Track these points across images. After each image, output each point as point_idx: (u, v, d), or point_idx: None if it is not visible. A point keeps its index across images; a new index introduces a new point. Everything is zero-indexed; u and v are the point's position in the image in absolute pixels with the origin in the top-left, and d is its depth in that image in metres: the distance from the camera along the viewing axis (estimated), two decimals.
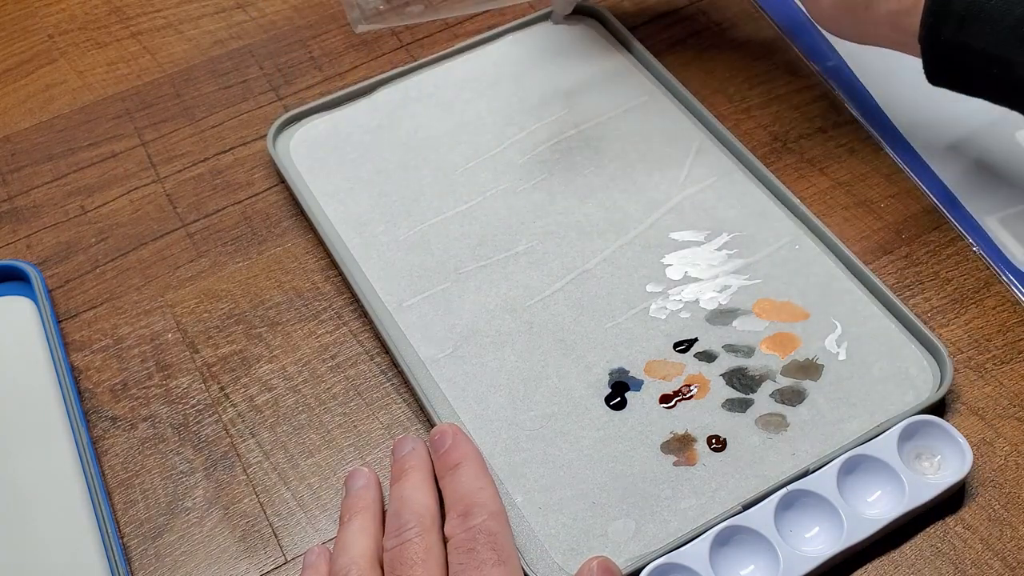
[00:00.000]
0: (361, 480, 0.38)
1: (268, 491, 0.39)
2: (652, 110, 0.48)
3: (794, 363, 0.40)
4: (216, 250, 0.46)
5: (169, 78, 0.53)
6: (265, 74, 0.53)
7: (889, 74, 0.49)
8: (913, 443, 0.37)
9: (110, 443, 0.40)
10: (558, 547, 0.36)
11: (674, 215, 0.44)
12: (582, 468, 0.38)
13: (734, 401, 0.39)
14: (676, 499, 0.36)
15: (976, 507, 0.36)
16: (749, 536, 0.35)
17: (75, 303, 0.45)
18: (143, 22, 0.56)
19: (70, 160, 0.50)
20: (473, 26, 0.54)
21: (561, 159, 0.47)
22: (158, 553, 0.38)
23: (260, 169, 0.49)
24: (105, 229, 0.47)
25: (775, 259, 0.43)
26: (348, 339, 0.43)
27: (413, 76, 0.51)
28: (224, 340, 0.43)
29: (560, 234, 0.44)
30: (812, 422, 0.38)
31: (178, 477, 0.39)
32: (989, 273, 0.42)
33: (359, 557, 0.34)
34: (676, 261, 0.43)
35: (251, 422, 0.41)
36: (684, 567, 0.34)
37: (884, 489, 0.36)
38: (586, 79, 0.50)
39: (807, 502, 0.36)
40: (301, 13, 0.56)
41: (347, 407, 0.41)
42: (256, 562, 0.37)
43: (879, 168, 0.46)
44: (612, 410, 0.39)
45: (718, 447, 0.38)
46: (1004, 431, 0.38)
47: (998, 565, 0.35)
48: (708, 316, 0.41)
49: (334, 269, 0.45)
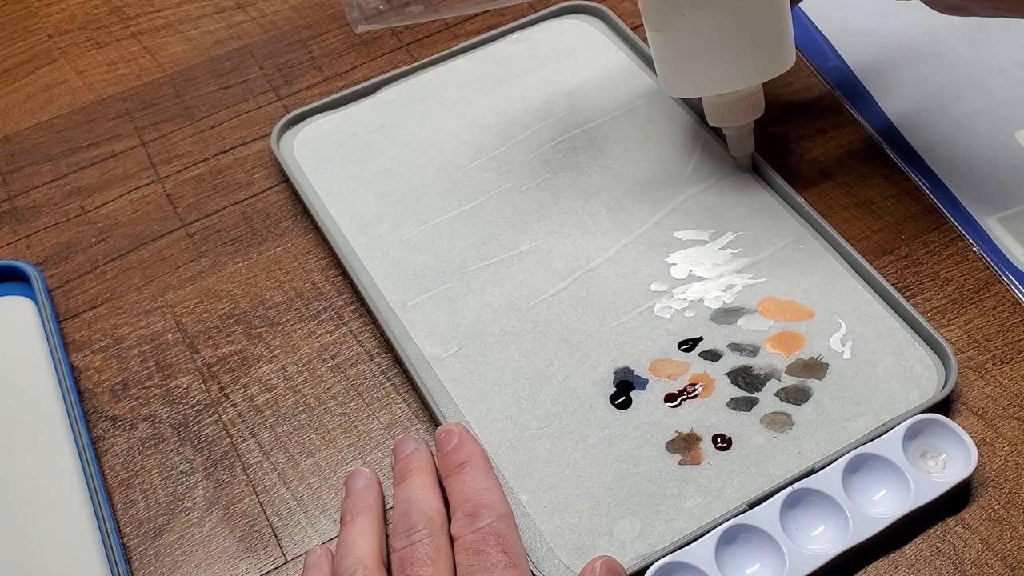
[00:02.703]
0: (362, 480, 0.37)
1: (268, 491, 0.39)
2: (656, 109, 0.48)
3: (799, 362, 0.40)
4: (216, 250, 0.46)
5: (169, 78, 0.53)
6: (265, 74, 0.53)
7: (889, 75, 0.49)
8: (918, 442, 0.37)
9: (110, 443, 0.40)
10: (563, 546, 0.36)
11: (678, 214, 0.44)
12: (587, 467, 0.37)
13: (739, 400, 0.39)
14: (681, 498, 0.36)
15: (976, 507, 0.36)
16: (754, 535, 0.35)
17: (75, 303, 0.45)
18: (143, 22, 0.56)
19: (70, 160, 0.50)
20: (473, 26, 0.54)
21: (565, 158, 0.47)
22: (158, 553, 0.37)
23: (260, 169, 0.49)
24: (105, 229, 0.47)
25: (780, 258, 0.43)
26: (348, 339, 0.43)
27: (416, 76, 0.51)
28: (224, 340, 0.43)
29: (564, 233, 0.44)
30: (817, 421, 0.38)
31: (178, 477, 0.39)
32: (989, 273, 0.42)
33: (365, 557, 0.34)
34: (680, 260, 0.43)
35: (251, 422, 0.40)
36: (689, 566, 0.34)
37: (889, 488, 0.36)
38: (589, 78, 0.50)
39: (812, 501, 0.36)
40: (301, 13, 0.56)
41: (347, 407, 0.41)
42: (256, 562, 0.37)
43: (879, 168, 0.46)
44: (617, 409, 0.39)
45: (723, 446, 0.38)
46: (1004, 431, 0.38)
47: (998, 565, 0.35)
48: (713, 315, 0.41)
49: (334, 269, 0.45)
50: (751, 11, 0.40)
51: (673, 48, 0.41)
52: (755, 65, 0.41)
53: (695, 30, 0.40)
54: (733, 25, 0.40)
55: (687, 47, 0.41)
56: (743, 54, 0.41)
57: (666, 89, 0.44)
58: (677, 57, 0.42)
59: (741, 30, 0.40)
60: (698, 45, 0.41)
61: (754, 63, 0.41)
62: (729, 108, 0.43)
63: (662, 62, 0.43)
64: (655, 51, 0.43)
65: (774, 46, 0.41)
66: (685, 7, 0.40)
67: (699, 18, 0.40)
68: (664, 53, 0.42)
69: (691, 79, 0.42)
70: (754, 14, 0.40)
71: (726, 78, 0.42)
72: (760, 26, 0.40)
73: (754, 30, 0.40)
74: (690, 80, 0.42)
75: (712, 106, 0.43)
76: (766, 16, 0.40)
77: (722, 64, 0.41)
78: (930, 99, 0.48)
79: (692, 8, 0.40)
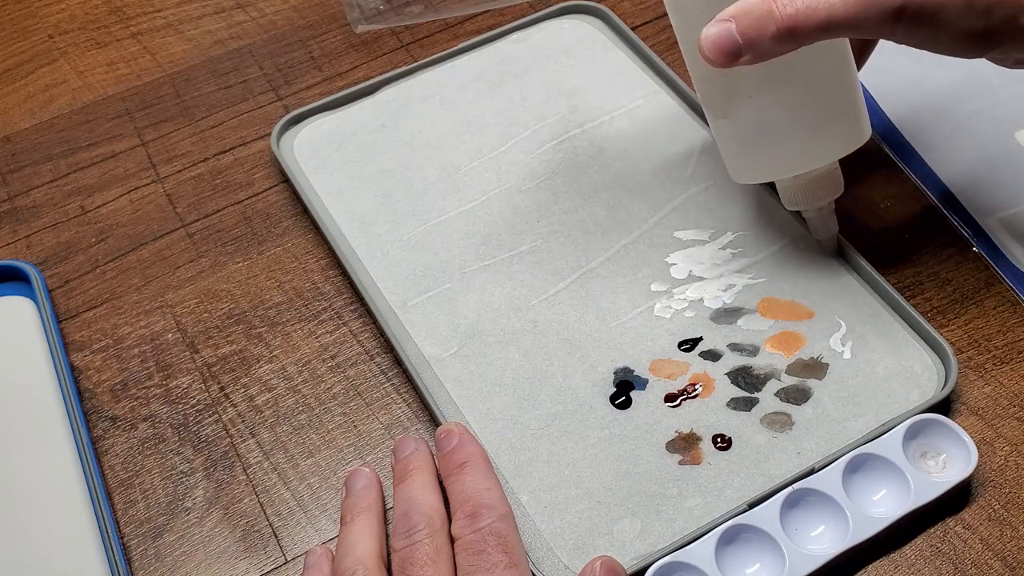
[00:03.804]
0: (362, 480, 0.37)
1: (268, 491, 0.39)
2: (655, 109, 0.48)
3: (799, 362, 0.40)
4: (216, 250, 0.46)
5: (169, 78, 0.53)
6: (265, 74, 0.53)
7: (889, 75, 0.49)
8: (918, 442, 0.37)
9: (110, 443, 0.40)
10: (564, 546, 0.36)
11: (678, 214, 0.44)
12: (587, 467, 0.37)
13: (739, 400, 0.39)
14: (681, 498, 0.36)
15: (976, 507, 0.36)
16: (754, 535, 0.35)
17: (75, 303, 0.45)
18: (143, 22, 0.56)
19: (70, 160, 0.50)
20: (473, 26, 0.54)
21: (565, 158, 0.47)
22: (158, 553, 0.37)
23: (260, 169, 0.49)
24: (105, 229, 0.47)
25: (779, 258, 0.43)
26: (348, 339, 0.43)
27: (416, 76, 0.51)
28: (224, 340, 0.43)
29: (564, 233, 0.44)
30: (817, 421, 0.38)
31: (178, 477, 0.39)
32: (989, 273, 0.42)
33: (365, 557, 0.34)
34: (680, 260, 0.43)
35: (251, 422, 0.40)
36: (689, 566, 0.34)
37: (889, 487, 0.36)
38: (589, 78, 0.50)
39: (812, 501, 0.36)
40: (301, 13, 0.56)
41: (347, 407, 0.41)
42: (256, 562, 0.37)
43: (879, 168, 0.46)
44: (617, 409, 0.39)
45: (723, 446, 0.38)
46: (1004, 431, 0.38)
47: (998, 565, 0.35)
48: (713, 315, 0.41)
49: (334, 269, 0.45)
50: (821, 85, 0.37)
51: (741, 133, 0.39)
52: (831, 141, 0.38)
53: (764, 112, 0.38)
54: (803, 102, 0.37)
55: (756, 131, 0.38)
56: (817, 131, 0.38)
57: (736, 176, 0.41)
58: (746, 142, 0.39)
59: (813, 106, 0.38)
60: (769, 127, 0.38)
61: (830, 139, 0.38)
62: (807, 189, 0.40)
63: (730, 149, 0.40)
64: (720, 138, 0.40)
65: (849, 118, 0.38)
66: (751, 89, 0.37)
67: (767, 99, 0.37)
68: (731, 140, 0.40)
69: (764, 163, 0.40)
70: (825, 88, 0.38)
71: (801, 158, 0.39)
72: (832, 99, 0.38)
73: (826, 104, 0.38)
74: (763, 164, 0.40)
75: (788, 189, 0.40)
76: (837, 88, 0.38)
77: (796, 144, 0.38)
78: (930, 99, 0.48)
79: (759, 89, 0.37)
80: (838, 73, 0.38)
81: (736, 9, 0.35)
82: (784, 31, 0.34)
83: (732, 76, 0.37)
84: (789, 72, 0.37)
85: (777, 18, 0.34)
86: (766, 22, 0.34)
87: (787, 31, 0.34)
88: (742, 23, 0.34)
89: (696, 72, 0.39)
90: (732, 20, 0.34)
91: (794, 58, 0.36)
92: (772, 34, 0.34)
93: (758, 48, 0.34)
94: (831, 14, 0.34)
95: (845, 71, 0.38)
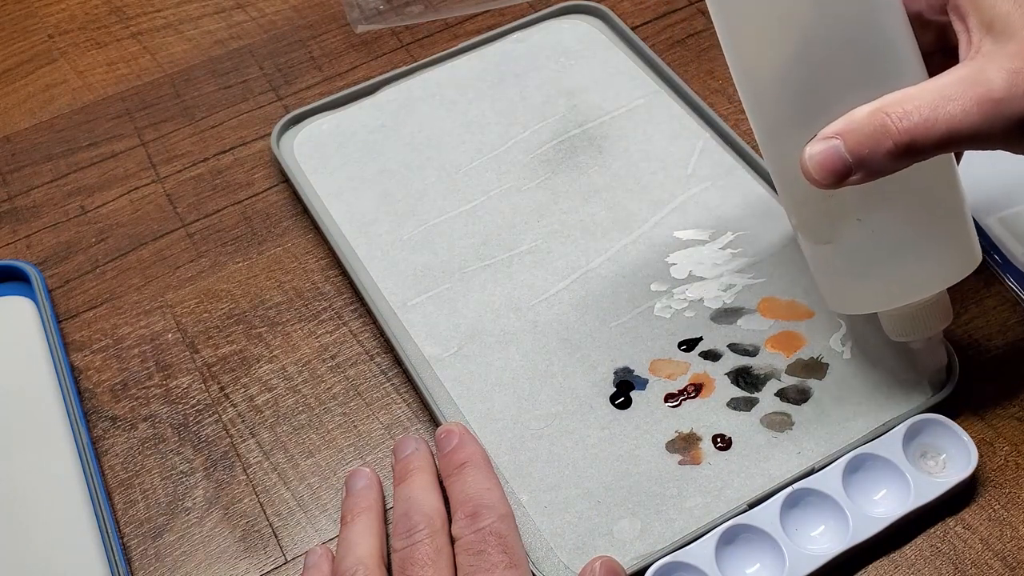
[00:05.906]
0: (363, 480, 0.37)
1: (268, 491, 0.39)
2: (655, 109, 0.48)
3: (799, 362, 0.40)
4: (216, 250, 0.46)
5: (169, 78, 0.53)
6: (265, 74, 0.53)
7: None
8: (918, 442, 0.37)
9: (110, 443, 0.40)
10: (564, 546, 0.36)
11: (678, 214, 0.44)
12: (587, 467, 0.37)
13: (739, 400, 0.39)
14: (681, 498, 0.36)
15: (976, 507, 0.36)
16: (754, 535, 0.35)
17: (75, 303, 0.45)
18: (143, 22, 0.56)
19: (70, 160, 0.50)
20: (473, 26, 0.54)
21: (565, 158, 0.47)
22: (158, 553, 0.37)
23: (260, 169, 0.49)
24: (105, 229, 0.47)
25: (779, 258, 0.43)
26: (348, 339, 0.43)
27: (416, 76, 0.51)
28: (224, 340, 0.43)
29: (564, 233, 0.44)
30: (817, 421, 0.38)
31: (178, 477, 0.39)
32: (989, 273, 0.42)
33: (365, 557, 0.34)
34: (680, 260, 0.43)
35: (251, 422, 0.40)
36: (690, 566, 0.34)
37: (889, 488, 0.36)
38: (589, 78, 0.50)
39: (812, 501, 0.36)
40: (301, 13, 0.56)
41: (347, 407, 0.41)
42: (256, 562, 0.37)
43: None
44: (617, 409, 0.39)
45: (723, 446, 0.38)
46: (1004, 431, 0.38)
47: (998, 565, 0.35)
48: (713, 315, 0.41)
49: (334, 269, 0.45)
50: (935, 199, 0.34)
51: (848, 259, 0.35)
52: (944, 266, 0.35)
53: (876, 234, 0.34)
54: (917, 222, 0.34)
55: (867, 255, 0.35)
56: (929, 255, 0.35)
57: (838, 306, 0.37)
58: (853, 269, 0.35)
59: (927, 227, 0.34)
60: (881, 250, 0.34)
61: (943, 264, 0.35)
62: (916, 319, 0.36)
63: (831, 278, 0.36)
64: (819, 267, 0.37)
65: (962, 239, 0.35)
66: (859, 211, 0.34)
67: (880, 218, 0.34)
68: (834, 267, 0.36)
69: (870, 292, 0.36)
70: (939, 202, 0.34)
71: (912, 286, 0.35)
72: (946, 214, 0.35)
73: (940, 224, 0.34)
74: (874, 291, 0.36)
75: (893, 319, 0.36)
76: (951, 201, 0.35)
77: (907, 269, 0.35)
78: None
79: (870, 210, 0.34)
80: (950, 183, 0.35)
81: (842, 125, 0.32)
82: (903, 147, 0.31)
83: (838, 197, 0.34)
84: (903, 187, 0.33)
85: (894, 133, 0.31)
86: (881, 138, 0.31)
87: (906, 147, 0.31)
88: (851, 140, 0.31)
89: (794, 196, 0.36)
90: (838, 137, 0.31)
91: (907, 172, 0.32)
92: (888, 150, 0.31)
93: (870, 166, 0.31)
94: (952, 127, 0.31)
95: (955, 181, 0.35)
